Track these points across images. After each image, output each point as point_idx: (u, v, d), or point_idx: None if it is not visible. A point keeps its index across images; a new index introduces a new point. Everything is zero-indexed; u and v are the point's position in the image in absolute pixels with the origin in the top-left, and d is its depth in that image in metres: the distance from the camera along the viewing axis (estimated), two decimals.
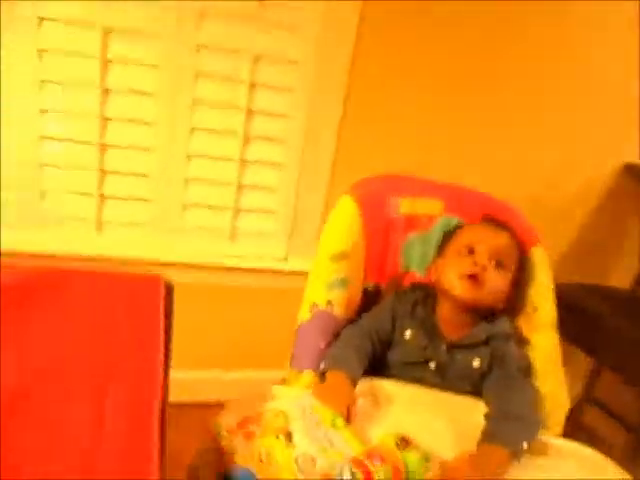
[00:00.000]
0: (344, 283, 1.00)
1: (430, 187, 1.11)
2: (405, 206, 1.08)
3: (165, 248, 1.54)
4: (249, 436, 0.70)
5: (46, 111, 1.31)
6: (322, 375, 0.90)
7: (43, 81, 1.28)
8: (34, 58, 1.26)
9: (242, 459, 0.66)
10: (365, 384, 0.89)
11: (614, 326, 1.41)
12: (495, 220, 1.02)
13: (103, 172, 1.41)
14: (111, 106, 1.35)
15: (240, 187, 1.53)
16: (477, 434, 0.82)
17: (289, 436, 0.72)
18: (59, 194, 1.43)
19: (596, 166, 1.77)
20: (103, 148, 1.38)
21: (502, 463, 0.78)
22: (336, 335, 0.96)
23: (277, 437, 0.72)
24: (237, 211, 1.56)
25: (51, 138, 1.35)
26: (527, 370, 0.95)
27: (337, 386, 0.86)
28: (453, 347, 0.95)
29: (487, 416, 0.85)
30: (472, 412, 0.88)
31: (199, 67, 1.37)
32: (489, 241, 0.96)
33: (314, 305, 0.97)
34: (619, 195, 1.81)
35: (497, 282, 0.95)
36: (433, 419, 0.86)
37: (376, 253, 1.07)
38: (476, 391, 0.93)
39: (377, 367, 0.96)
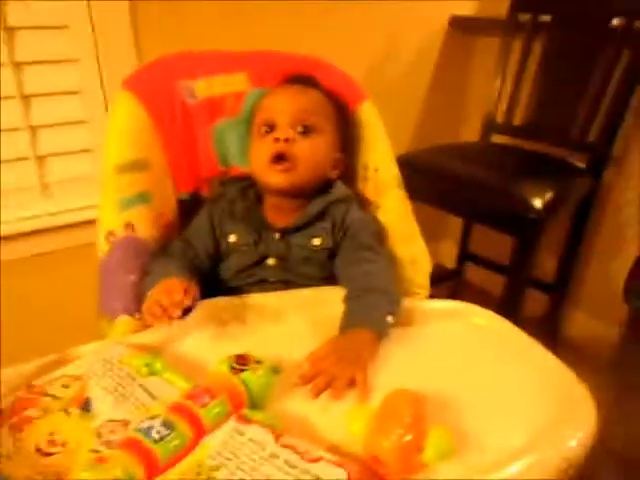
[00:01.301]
0: (145, 198, 0.79)
1: (227, 59, 0.90)
2: (201, 88, 0.87)
3: None
4: (21, 425, 0.50)
5: None
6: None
7: None
8: None
9: (8, 463, 0.46)
10: (200, 306, 0.72)
11: (468, 175, 1.36)
12: (299, 78, 0.84)
13: None
14: None
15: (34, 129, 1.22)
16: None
17: (87, 405, 0.54)
18: None
19: (423, 25, 1.67)
20: None
21: (368, 344, 0.65)
22: (148, 262, 0.77)
23: (67, 412, 0.53)
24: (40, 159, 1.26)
25: None
26: (380, 235, 0.83)
27: (168, 282, 0.67)
28: (287, 233, 0.80)
29: (344, 298, 0.73)
30: (329, 302, 0.74)
31: None
32: (288, 106, 0.79)
33: (110, 233, 0.76)
34: (450, 49, 1.74)
35: (311, 150, 0.78)
36: (284, 324, 0.72)
37: (180, 154, 0.86)
38: (328, 274, 0.80)
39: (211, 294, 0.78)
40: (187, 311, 0.66)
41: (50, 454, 0.48)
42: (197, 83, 0.86)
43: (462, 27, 1.72)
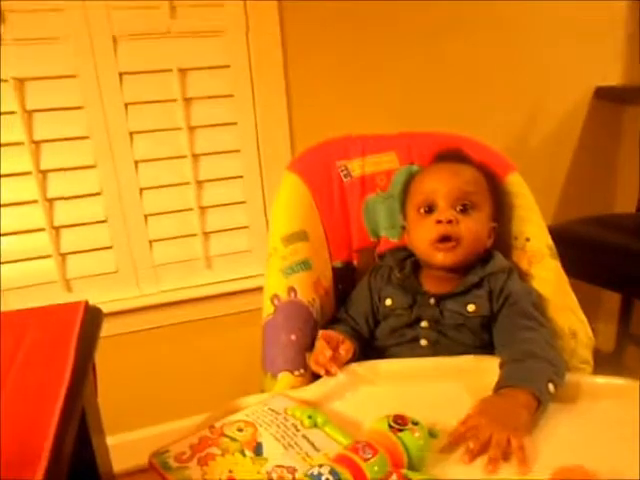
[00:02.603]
0: (306, 265, 0.87)
1: (378, 140, 0.98)
2: (356, 168, 0.96)
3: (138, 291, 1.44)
4: (206, 460, 0.56)
5: None
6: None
7: None
8: None
9: None
10: (356, 368, 0.77)
11: (630, 248, 1.26)
12: (450, 155, 0.89)
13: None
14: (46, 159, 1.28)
15: (203, 209, 1.42)
16: None
17: (258, 449, 0.59)
18: None
19: (567, 96, 1.66)
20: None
21: (526, 407, 0.63)
22: (308, 323, 0.83)
23: (242, 453, 0.58)
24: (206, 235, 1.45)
25: None
26: (539, 306, 0.81)
27: (327, 333, 0.78)
28: (443, 299, 0.82)
29: (501, 363, 0.72)
30: (487, 371, 0.72)
31: (127, 97, 1.30)
32: (446, 187, 0.82)
33: (275, 296, 0.84)
34: (596, 119, 1.69)
35: (472, 228, 0.81)
36: (440, 389, 0.72)
37: (336, 227, 0.94)
38: (480, 343, 0.80)
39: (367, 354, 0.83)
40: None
41: None
42: (352, 163, 0.96)
43: (608, 97, 1.68)
